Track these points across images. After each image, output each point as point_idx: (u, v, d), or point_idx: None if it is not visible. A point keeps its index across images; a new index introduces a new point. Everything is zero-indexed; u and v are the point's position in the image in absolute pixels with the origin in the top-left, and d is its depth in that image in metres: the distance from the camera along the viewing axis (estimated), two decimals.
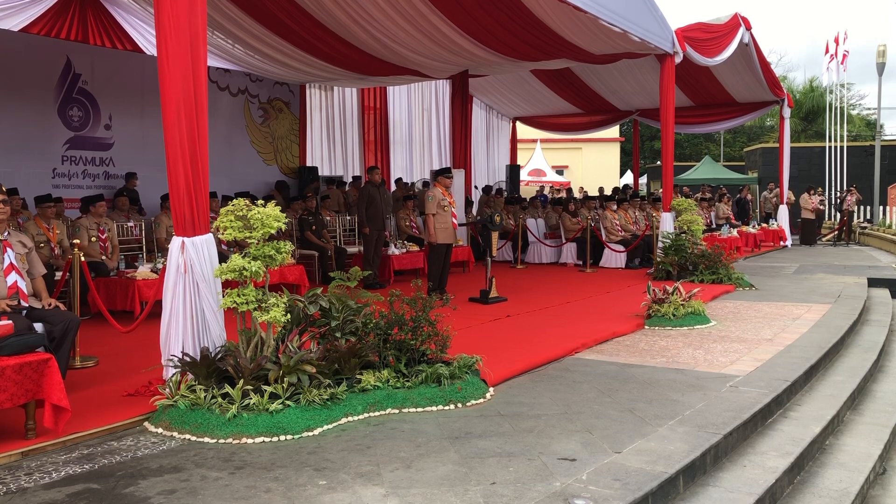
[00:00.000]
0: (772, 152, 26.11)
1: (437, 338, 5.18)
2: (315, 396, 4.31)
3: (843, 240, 20.09)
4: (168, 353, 4.65)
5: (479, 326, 7.30)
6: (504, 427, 4.26)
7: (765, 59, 16.08)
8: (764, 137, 35.13)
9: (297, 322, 4.98)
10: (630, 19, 10.14)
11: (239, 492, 3.34)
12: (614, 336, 7.02)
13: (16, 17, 10.47)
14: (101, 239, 8.48)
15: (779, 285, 10.79)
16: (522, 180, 24.99)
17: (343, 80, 14.15)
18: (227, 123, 13.45)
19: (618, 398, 4.87)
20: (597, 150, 32.52)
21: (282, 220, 4.68)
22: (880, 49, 23.54)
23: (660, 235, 11.77)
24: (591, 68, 15.78)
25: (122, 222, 9.53)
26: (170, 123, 4.52)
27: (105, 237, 8.54)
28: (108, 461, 3.75)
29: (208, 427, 4.11)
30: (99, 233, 8.49)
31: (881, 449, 4.80)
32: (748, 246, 16.76)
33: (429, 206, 9.42)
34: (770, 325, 7.57)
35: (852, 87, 38.09)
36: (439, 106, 18.06)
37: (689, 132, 29.44)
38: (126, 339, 6.04)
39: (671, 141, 12.57)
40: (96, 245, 8.41)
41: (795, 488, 4.09)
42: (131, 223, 9.71)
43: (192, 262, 4.62)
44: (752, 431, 4.53)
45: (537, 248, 14.47)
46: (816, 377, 5.99)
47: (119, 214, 9.77)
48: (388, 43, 11.33)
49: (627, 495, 3.24)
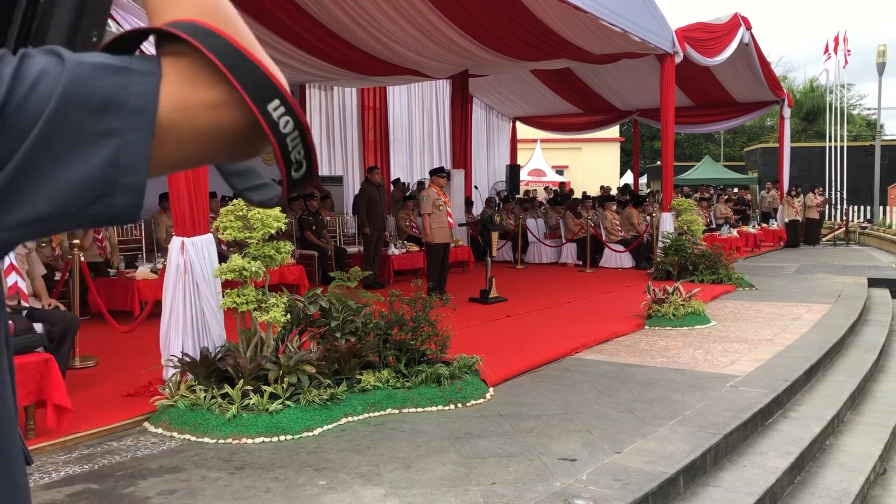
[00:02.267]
0: (772, 152, 26.11)
1: (437, 338, 5.18)
2: (315, 396, 4.31)
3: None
4: (168, 353, 4.66)
5: (479, 326, 7.30)
6: (504, 427, 4.26)
7: (765, 58, 16.08)
8: (764, 137, 35.13)
9: (297, 322, 4.98)
10: (630, 19, 10.14)
11: (239, 492, 3.33)
12: (614, 336, 7.02)
13: None
14: (98, 238, 8.46)
15: (779, 285, 10.79)
16: (522, 180, 24.97)
17: (343, 80, 14.14)
18: None
19: (618, 398, 4.87)
20: (597, 150, 32.51)
21: (282, 220, 4.68)
22: (880, 49, 23.53)
23: (660, 235, 11.77)
24: (591, 68, 15.78)
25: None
26: None
27: (102, 236, 8.52)
28: (108, 461, 3.75)
29: (208, 427, 4.10)
30: (95, 232, 8.45)
31: (881, 449, 4.79)
32: (748, 246, 16.76)
33: (424, 206, 9.42)
34: (770, 325, 7.56)
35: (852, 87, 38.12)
36: (439, 106, 18.05)
37: (689, 132, 29.41)
38: (126, 339, 6.04)
39: (671, 141, 12.57)
40: (94, 245, 8.39)
41: (795, 488, 4.09)
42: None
43: (192, 263, 4.62)
44: (752, 431, 4.52)
45: (537, 248, 14.46)
46: (816, 377, 5.99)
47: None
48: (388, 43, 11.33)
49: (627, 495, 3.23)
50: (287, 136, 0.62)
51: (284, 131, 0.61)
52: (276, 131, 0.61)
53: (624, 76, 16.52)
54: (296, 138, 0.62)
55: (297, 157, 0.63)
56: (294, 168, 0.64)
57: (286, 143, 0.62)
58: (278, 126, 0.61)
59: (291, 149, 0.63)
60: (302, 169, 0.64)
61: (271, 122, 0.61)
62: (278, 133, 0.61)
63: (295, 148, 0.63)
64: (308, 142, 0.64)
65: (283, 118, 0.61)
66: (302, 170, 0.64)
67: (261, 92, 0.60)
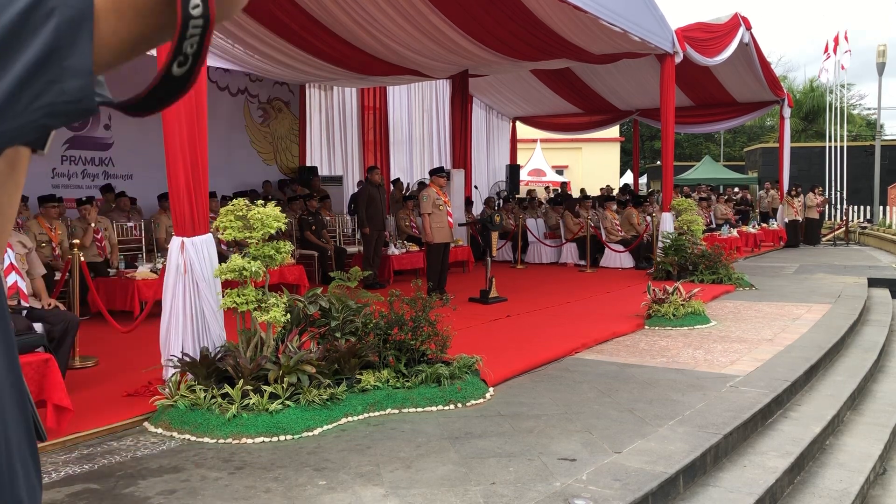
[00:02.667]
0: (772, 152, 26.12)
1: (437, 338, 5.18)
2: (315, 396, 4.31)
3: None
4: (168, 353, 4.66)
5: (479, 326, 7.30)
6: (504, 427, 4.26)
7: (765, 58, 16.08)
8: (764, 137, 35.13)
9: (296, 322, 4.98)
10: (630, 19, 10.14)
11: (239, 492, 3.33)
12: (614, 336, 7.02)
13: None
14: (98, 239, 8.45)
15: (779, 285, 10.79)
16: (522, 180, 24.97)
17: (343, 80, 14.15)
18: (227, 123, 13.44)
19: (618, 398, 4.87)
20: (597, 150, 32.50)
21: (282, 220, 4.67)
22: (880, 49, 23.53)
23: (660, 235, 11.77)
24: (591, 68, 15.78)
25: (121, 222, 9.52)
26: (170, 123, 4.52)
27: (101, 236, 8.52)
28: (108, 461, 3.75)
29: (208, 427, 4.10)
30: (94, 232, 8.45)
31: (881, 449, 4.79)
32: (748, 246, 16.76)
33: (424, 205, 9.42)
34: (770, 325, 7.56)
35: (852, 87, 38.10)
36: (439, 106, 18.05)
37: (689, 132, 29.43)
38: (126, 339, 6.04)
39: (671, 141, 12.57)
40: (94, 245, 8.38)
41: (795, 488, 4.09)
42: (131, 223, 9.70)
43: (192, 262, 4.62)
44: (752, 431, 4.52)
45: (537, 248, 14.46)
46: (816, 377, 5.99)
47: (119, 214, 9.76)
48: (388, 43, 11.33)
49: (627, 495, 3.23)
50: (192, 19, 0.56)
51: (192, 13, 0.56)
52: (185, 9, 0.56)
53: (624, 76, 16.53)
54: (198, 27, 0.57)
55: (189, 50, 0.58)
56: (179, 62, 0.58)
57: (188, 26, 0.57)
58: (188, 4, 0.56)
59: (189, 36, 0.57)
60: (185, 66, 0.58)
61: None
62: (186, 11, 0.56)
63: (192, 38, 0.57)
64: (205, 42, 0.58)
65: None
66: (185, 67, 0.58)
67: None
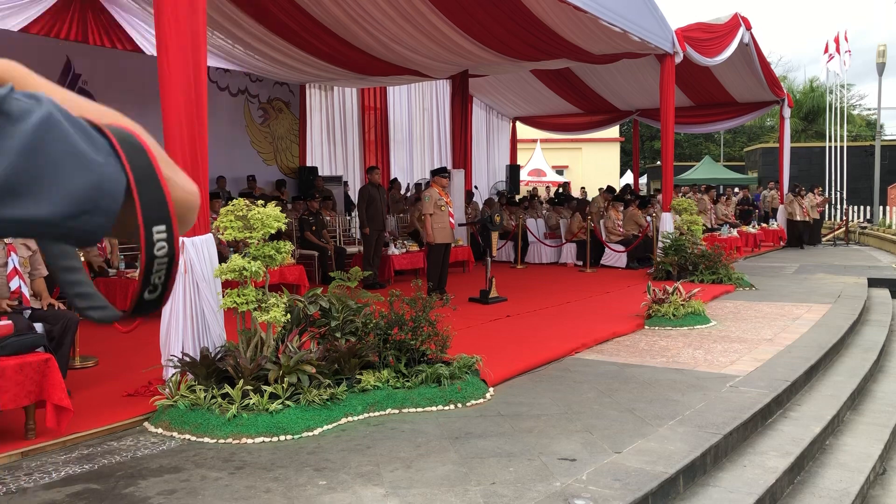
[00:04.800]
0: (772, 152, 26.12)
1: (437, 338, 5.18)
2: (315, 396, 4.31)
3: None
4: (168, 353, 4.65)
5: (479, 326, 7.30)
6: (504, 427, 4.26)
7: (765, 58, 16.07)
8: (764, 137, 35.12)
9: (297, 322, 4.98)
10: (630, 19, 10.14)
11: (239, 492, 3.33)
12: (614, 336, 7.02)
13: (15, 17, 10.46)
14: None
15: (779, 285, 10.79)
16: (522, 180, 24.98)
17: (343, 80, 14.15)
18: (227, 123, 13.45)
19: (618, 398, 4.87)
20: (597, 150, 32.50)
21: (282, 220, 4.68)
22: (880, 49, 23.53)
23: (660, 235, 11.77)
24: (591, 68, 15.78)
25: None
26: (170, 124, 4.52)
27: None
28: (108, 461, 3.75)
29: (208, 427, 4.10)
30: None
31: (881, 449, 4.79)
32: (748, 246, 16.76)
33: (426, 206, 9.41)
34: (770, 325, 7.56)
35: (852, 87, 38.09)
36: (439, 106, 18.06)
37: (689, 132, 29.43)
38: (126, 339, 6.05)
39: (671, 141, 12.57)
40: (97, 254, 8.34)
41: (795, 488, 4.09)
42: None
43: (192, 262, 4.62)
44: (752, 431, 4.52)
45: (537, 248, 14.46)
46: (816, 377, 5.99)
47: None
48: (388, 43, 11.33)
49: (627, 495, 3.23)
50: (157, 259, 0.67)
51: (158, 254, 0.67)
52: (150, 252, 0.67)
53: (624, 76, 16.53)
54: (163, 265, 0.68)
55: (157, 281, 0.68)
56: (149, 290, 0.69)
57: (153, 265, 0.67)
58: (154, 248, 0.67)
59: (155, 271, 0.68)
60: (156, 293, 0.69)
61: (149, 243, 0.66)
62: (150, 253, 0.67)
63: (158, 272, 0.68)
64: (171, 273, 0.69)
65: (160, 242, 0.67)
66: (155, 294, 0.69)
67: (154, 212, 0.66)
